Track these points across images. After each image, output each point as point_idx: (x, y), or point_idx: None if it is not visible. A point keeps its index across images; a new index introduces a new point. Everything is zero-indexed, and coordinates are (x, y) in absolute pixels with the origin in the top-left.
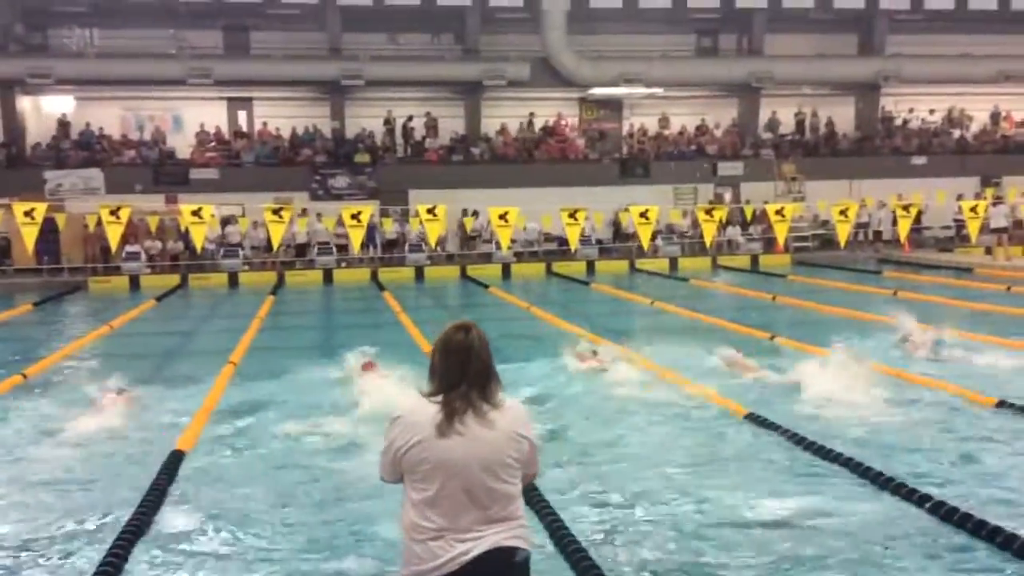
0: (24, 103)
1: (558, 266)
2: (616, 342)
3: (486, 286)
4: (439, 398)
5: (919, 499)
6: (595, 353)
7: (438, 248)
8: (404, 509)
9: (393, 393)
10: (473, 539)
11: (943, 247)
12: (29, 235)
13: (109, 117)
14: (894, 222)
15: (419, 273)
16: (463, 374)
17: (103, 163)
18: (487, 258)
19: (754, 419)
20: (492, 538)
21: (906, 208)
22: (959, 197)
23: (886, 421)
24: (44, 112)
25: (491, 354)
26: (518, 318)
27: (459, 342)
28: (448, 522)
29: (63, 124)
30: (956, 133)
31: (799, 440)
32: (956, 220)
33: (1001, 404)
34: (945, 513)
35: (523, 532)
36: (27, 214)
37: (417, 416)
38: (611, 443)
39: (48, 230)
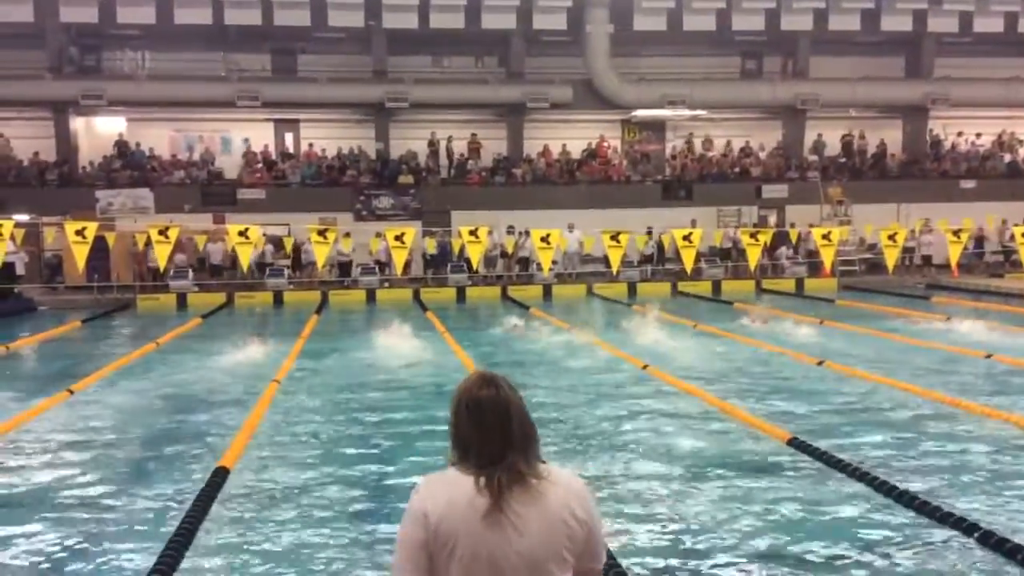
0: (77, 123)
1: (599, 287)
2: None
3: (527, 307)
4: (474, 471)
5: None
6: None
7: (485, 269)
8: None
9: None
10: None
11: (993, 272)
12: (80, 253)
13: (160, 138)
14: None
15: (460, 293)
16: (506, 442)
17: (153, 183)
18: (528, 279)
19: None
20: None
21: (956, 233)
22: (1015, 225)
23: None
24: (96, 132)
25: (528, 410)
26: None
27: (490, 400)
28: None
29: (120, 144)
30: (1006, 157)
31: None
32: (1005, 246)
33: None
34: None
35: None
36: (78, 233)
37: (446, 496)
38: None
39: (98, 248)
